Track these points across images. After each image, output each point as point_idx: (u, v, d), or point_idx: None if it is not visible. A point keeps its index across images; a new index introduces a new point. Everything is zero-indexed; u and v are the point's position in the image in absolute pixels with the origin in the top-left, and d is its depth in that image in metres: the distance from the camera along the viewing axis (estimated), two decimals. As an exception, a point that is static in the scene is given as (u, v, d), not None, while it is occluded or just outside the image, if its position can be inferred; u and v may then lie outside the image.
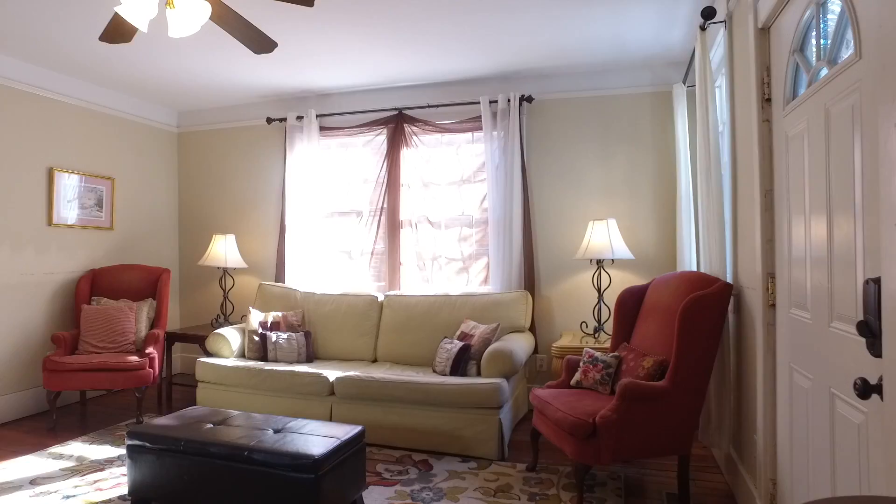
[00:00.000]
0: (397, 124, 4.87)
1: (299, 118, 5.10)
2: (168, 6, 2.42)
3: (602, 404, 2.80)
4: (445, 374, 3.79)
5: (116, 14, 2.62)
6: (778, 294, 2.26)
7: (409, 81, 4.76)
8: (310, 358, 4.35)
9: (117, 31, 2.79)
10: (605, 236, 4.01)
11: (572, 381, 3.28)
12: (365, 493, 2.95)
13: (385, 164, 4.92)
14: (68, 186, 4.68)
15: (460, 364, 3.78)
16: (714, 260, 3.02)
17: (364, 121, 4.99)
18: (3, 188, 4.23)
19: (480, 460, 3.41)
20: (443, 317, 4.30)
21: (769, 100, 2.33)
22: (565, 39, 3.85)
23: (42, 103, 4.49)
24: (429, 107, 4.78)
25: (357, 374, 3.79)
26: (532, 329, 4.41)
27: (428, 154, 4.86)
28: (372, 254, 5.00)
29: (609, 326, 4.17)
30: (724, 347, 2.94)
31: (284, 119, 5.16)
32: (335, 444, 2.65)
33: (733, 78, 2.92)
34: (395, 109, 4.87)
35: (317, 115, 5.05)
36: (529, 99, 4.53)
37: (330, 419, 3.79)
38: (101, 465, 3.37)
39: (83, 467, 3.35)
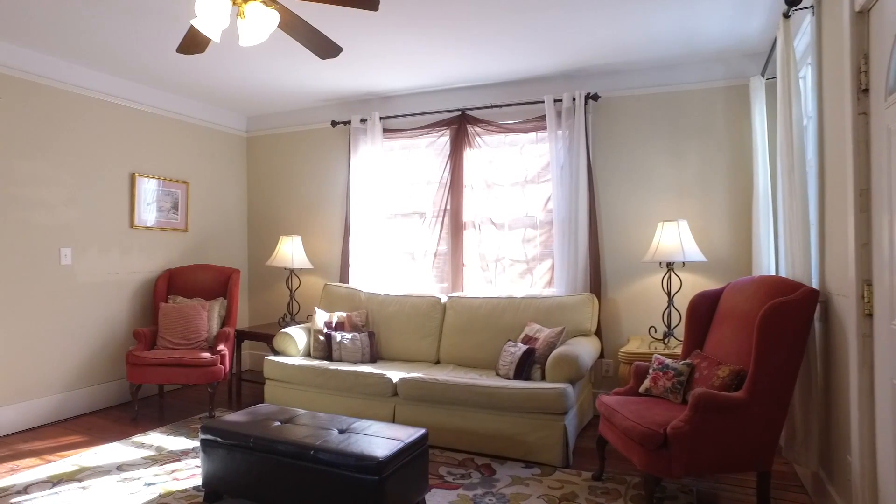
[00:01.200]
0: (460, 125, 4.85)
1: (363, 121, 5.16)
2: (239, 16, 2.50)
3: (673, 414, 2.67)
4: (509, 378, 3.73)
5: (192, 27, 2.71)
6: (876, 303, 2.08)
7: (472, 82, 4.73)
8: (373, 358, 4.39)
9: (193, 43, 2.90)
10: (675, 238, 3.84)
11: (641, 389, 3.15)
12: (427, 496, 2.94)
13: (448, 165, 4.91)
14: (148, 191, 4.93)
15: (524, 367, 3.72)
16: (797, 264, 2.82)
17: (427, 122, 5.00)
18: (93, 194, 4.50)
19: (544, 466, 3.34)
20: (506, 319, 4.25)
21: (866, 90, 2.15)
22: (632, 34, 3.72)
23: (124, 113, 4.75)
24: (492, 107, 4.74)
25: (420, 375, 3.80)
26: (598, 333, 4.29)
27: (491, 155, 4.82)
28: (435, 255, 5.01)
29: (679, 332, 3.99)
30: (809, 358, 2.74)
31: (348, 122, 5.24)
32: (399, 447, 2.65)
33: (822, 68, 2.71)
34: (458, 110, 4.85)
35: (380, 118, 5.10)
36: (595, 97, 4.40)
37: (393, 420, 3.81)
38: (177, 456, 3.52)
39: (161, 457, 3.51)
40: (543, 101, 4.49)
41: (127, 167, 4.78)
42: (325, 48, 3.00)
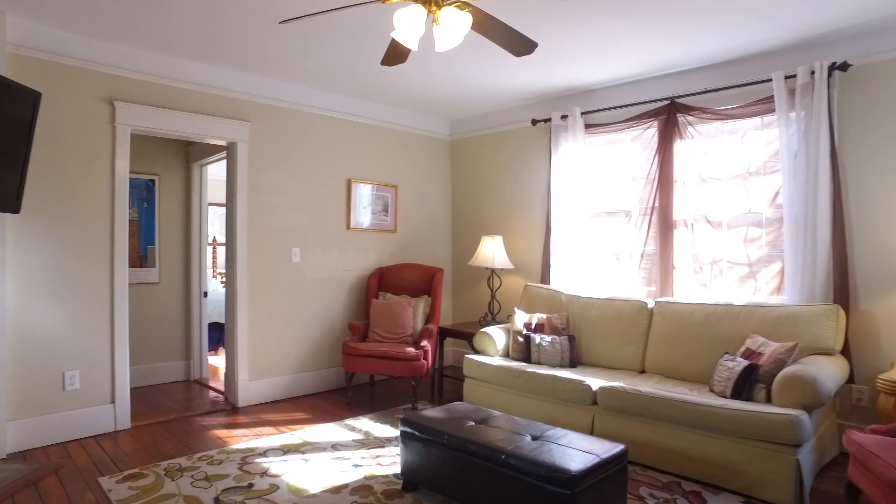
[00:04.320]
0: (669, 115, 4.42)
1: (563, 117, 5.01)
2: (434, 23, 2.55)
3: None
4: (725, 396, 3.28)
5: (393, 39, 2.86)
6: None
7: (682, 66, 4.27)
8: (573, 363, 4.22)
9: (395, 54, 3.06)
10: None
11: (910, 428, 2.50)
12: (626, 519, 2.70)
13: (656, 158, 4.52)
14: (362, 195, 5.41)
15: (744, 386, 3.23)
16: None
17: (631, 114, 4.66)
18: (317, 199, 5.08)
19: (770, 506, 2.85)
20: (723, 329, 3.75)
21: None
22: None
23: (342, 125, 5.28)
24: (706, 92, 4.22)
25: (622, 385, 3.53)
26: (845, 352, 3.55)
27: (705, 145, 4.30)
28: (642, 256, 4.64)
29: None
30: None
31: (549, 119, 5.13)
32: (595, 461, 2.48)
33: None
34: (667, 99, 4.42)
35: (581, 113, 4.89)
36: (843, 66, 3.64)
37: (591, 431, 3.60)
38: (382, 443, 3.77)
39: (369, 442, 3.79)
40: (771, 80, 3.85)
41: (344, 174, 5.30)
42: (520, 45, 2.93)
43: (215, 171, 5.57)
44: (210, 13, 3.39)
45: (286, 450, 3.62)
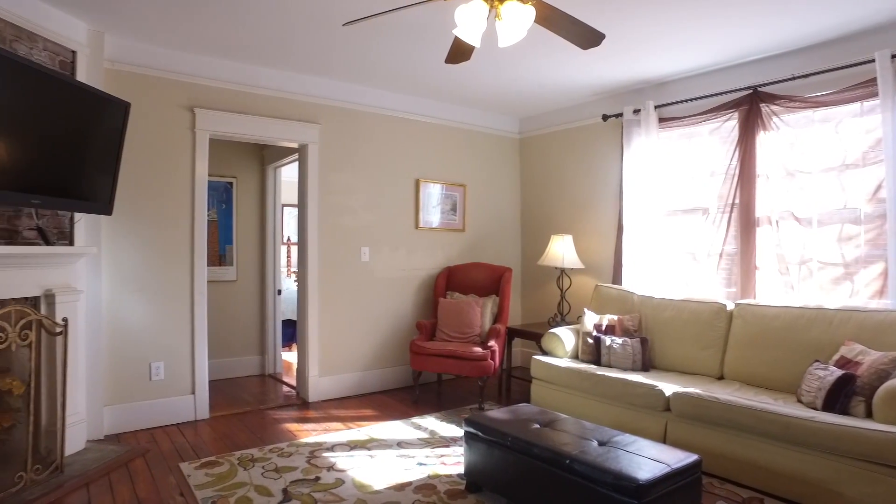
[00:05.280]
0: (751, 105, 4.14)
1: (636, 111, 4.81)
2: (496, 19, 2.51)
3: None
4: (815, 408, 3.02)
5: (456, 37, 2.84)
6: None
7: (765, 52, 3.99)
8: (645, 366, 4.05)
9: (458, 52, 3.03)
10: None
11: None
12: (701, 534, 2.55)
13: (737, 152, 4.25)
14: (431, 195, 5.44)
15: (839, 398, 2.96)
16: None
17: (709, 106, 4.40)
18: (385, 199, 5.16)
19: (869, 531, 2.59)
20: (813, 335, 3.46)
21: None
22: None
23: (409, 125, 5.32)
24: (793, 78, 3.92)
25: (698, 391, 3.34)
26: (959, 363, 3.19)
27: (792, 136, 4.00)
28: (720, 255, 4.39)
29: None
30: None
31: (620, 114, 4.95)
32: (665, 471, 2.36)
33: None
34: (749, 88, 4.15)
35: (655, 106, 4.68)
36: (956, 45, 3.28)
37: (664, 439, 3.43)
38: (447, 442, 3.76)
39: (434, 440, 3.79)
40: (873, 60, 3.51)
41: (413, 174, 5.34)
42: (587, 37, 2.83)
43: (288, 173, 5.76)
44: (279, 20, 3.51)
45: (353, 446, 3.68)
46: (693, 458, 2.52)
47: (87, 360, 3.66)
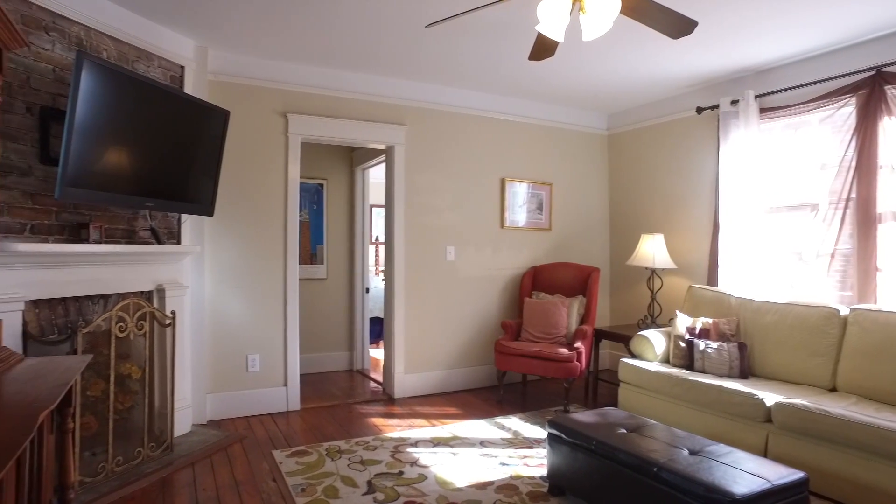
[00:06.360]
0: (872, 88, 3.76)
1: (734, 102, 4.51)
2: (580, 12, 2.44)
3: None
4: (946, 426, 2.70)
5: (539, 33, 2.79)
6: None
7: (890, 28, 3.61)
8: (743, 374, 3.79)
9: (542, 48, 2.98)
10: None
11: None
12: (806, 559, 2.35)
13: (853, 142, 3.88)
14: (517, 194, 5.40)
15: (973, 416, 2.63)
16: None
17: (819, 92, 4.05)
18: (470, 199, 5.17)
19: None
20: (944, 345, 3.10)
21: None
22: None
23: (494, 124, 5.30)
24: (923, 57, 3.53)
25: (805, 403, 3.08)
26: None
27: (921, 122, 3.60)
28: (832, 256, 4.02)
29: None
30: None
31: (716, 106, 4.67)
32: (764, 487, 2.20)
33: None
34: (869, 69, 3.77)
35: (755, 96, 4.37)
36: None
37: (764, 453, 3.19)
38: (530, 443, 3.71)
39: (517, 441, 3.75)
40: None
41: (498, 173, 5.31)
42: (677, 26, 2.69)
43: (376, 175, 5.93)
44: (366, 26, 3.62)
45: (436, 442, 3.72)
46: (798, 475, 2.32)
47: (192, 350, 3.96)
